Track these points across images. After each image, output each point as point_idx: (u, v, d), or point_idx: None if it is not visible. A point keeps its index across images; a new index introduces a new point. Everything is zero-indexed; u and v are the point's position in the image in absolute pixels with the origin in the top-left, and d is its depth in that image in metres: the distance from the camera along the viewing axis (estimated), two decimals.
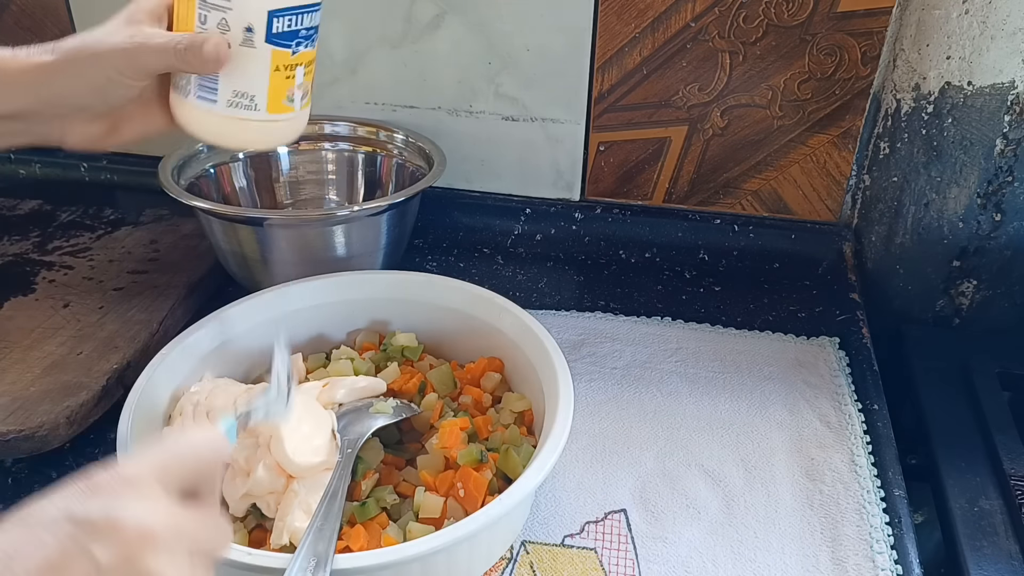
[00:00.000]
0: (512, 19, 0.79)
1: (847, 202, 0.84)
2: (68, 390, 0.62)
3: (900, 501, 0.58)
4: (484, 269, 0.85)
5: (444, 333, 0.65)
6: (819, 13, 0.74)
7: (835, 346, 0.73)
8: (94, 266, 0.78)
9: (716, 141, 0.82)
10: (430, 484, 0.53)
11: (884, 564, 0.53)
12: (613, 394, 0.67)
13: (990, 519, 0.58)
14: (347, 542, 0.49)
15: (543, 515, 0.57)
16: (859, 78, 0.77)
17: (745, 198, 0.85)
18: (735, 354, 0.72)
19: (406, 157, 0.84)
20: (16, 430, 0.58)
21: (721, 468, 0.61)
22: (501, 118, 0.85)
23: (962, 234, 0.77)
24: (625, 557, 0.54)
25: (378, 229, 0.74)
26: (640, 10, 0.77)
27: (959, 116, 0.72)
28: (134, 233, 0.84)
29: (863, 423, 0.64)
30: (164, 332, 0.70)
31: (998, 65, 0.69)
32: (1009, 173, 0.73)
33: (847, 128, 0.80)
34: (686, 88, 0.80)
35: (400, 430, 0.59)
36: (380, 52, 0.83)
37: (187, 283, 0.75)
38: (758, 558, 0.54)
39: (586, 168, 0.86)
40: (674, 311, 0.77)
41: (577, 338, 0.73)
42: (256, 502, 0.51)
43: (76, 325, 0.69)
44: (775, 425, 0.65)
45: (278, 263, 0.72)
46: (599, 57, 0.80)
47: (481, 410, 0.60)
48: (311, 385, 0.57)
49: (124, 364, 0.65)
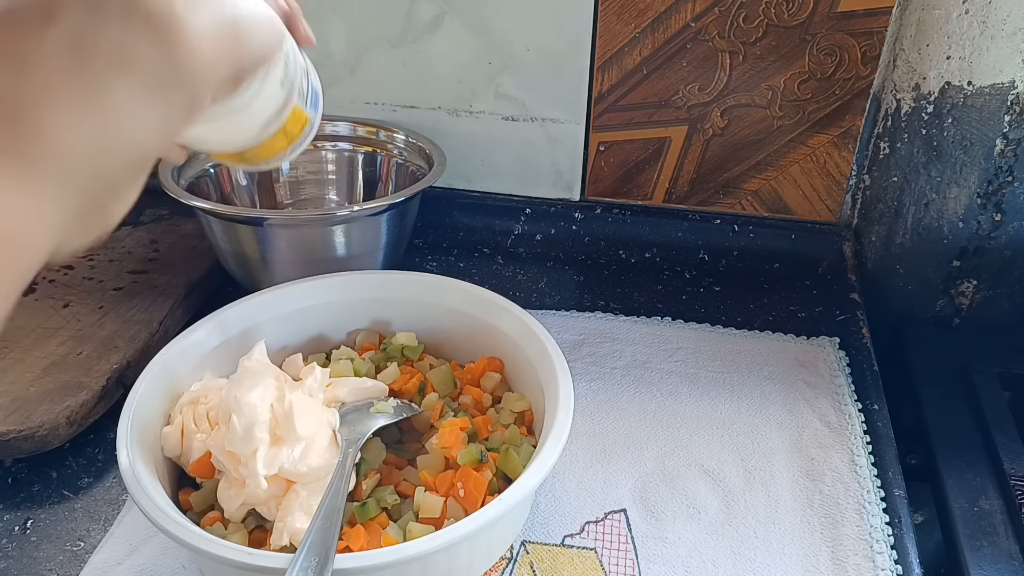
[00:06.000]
0: (512, 19, 0.79)
1: (847, 202, 0.84)
2: (68, 390, 0.62)
3: (900, 501, 0.58)
4: (484, 269, 0.85)
5: (444, 333, 0.65)
6: (819, 13, 0.74)
7: (835, 346, 0.73)
8: (94, 266, 0.78)
9: (716, 141, 0.82)
10: (430, 484, 0.53)
11: (884, 564, 0.53)
12: (613, 394, 0.67)
13: (990, 519, 0.58)
14: (347, 542, 0.49)
15: (543, 515, 0.57)
16: (859, 78, 0.77)
17: (745, 198, 0.85)
18: (735, 354, 0.72)
19: (406, 157, 0.84)
20: (16, 430, 0.58)
21: (721, 468, 0.61)
22: (501, 118, 0.85)
23: (962, 234, 0.77)
24: (625, 557, 0.54)
25: (378, 229, 0.74)
26: (640, 10, 0.77)
27: (959, 116, 0.72)
28: (134, 233, 0.84)
29: (863, 423, 0.64)
30: (164, 332, 0.70)
31: (998, 65, 0.69)
32: (1009, 173, 0.73)
33: (847, 128, 0.80)
34: (686, 88, 0.80)
35: (400, 430, 0.59)
36: (380, 52, 0.83)
37: (187, 283, 0.75)
38: (758, 558, 0.54)
39: (586, 168, 0.86)
40: (674, 311, 0.77)
41: (577, 338, 0.73)
42: (255, 508, 0.51)
43: (76, 325, 0.69)
44: (775, 425, 0.65)
45: (278, 263, 0.72)
46: (599, 57, 0.80)
47: (481, 410, 0.60)
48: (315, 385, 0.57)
49: (124, 364, 0.65)
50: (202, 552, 0.44)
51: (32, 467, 0.60)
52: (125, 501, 0.58)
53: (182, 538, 0.44)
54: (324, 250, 0.72)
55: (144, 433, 0.52)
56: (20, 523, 0.56)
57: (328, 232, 0.72)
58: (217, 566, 0.47)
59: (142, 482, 0.48)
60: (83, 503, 0.58)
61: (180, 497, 0.53)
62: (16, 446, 0.59)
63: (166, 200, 0.72)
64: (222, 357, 0.60)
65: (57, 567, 0.53)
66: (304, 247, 0.72)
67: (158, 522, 0.45)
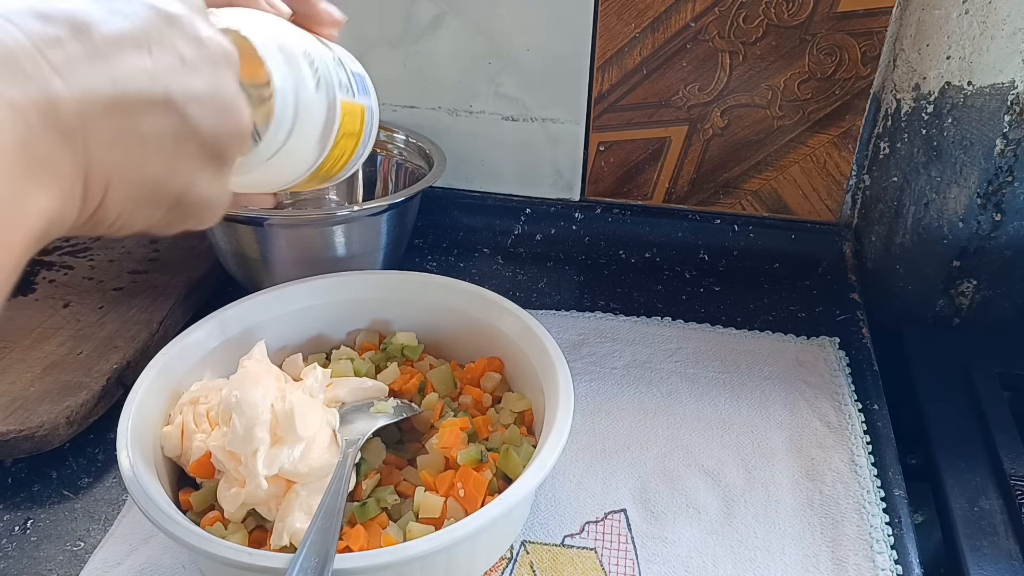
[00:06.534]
0: (512, 19, 0.79)
1: (847, 202, 0.84)
2: (68, 390, 0.62)
3: (900, 501, 0.58)
4: (484, 269, 0.85)
5: (444, 333, 0.65)
6: (819, 13, 0.74)
7: (835, 346, 0.73)
8: (94, 266, 0.78)
9: (716, 141, 0.82)
10: (430, 484, 0.53)
11: (884, 564, 0.53)
12: (613, 394, 0.67)
13: (990, 519, 0.58)
14: (347, 542, 0.49)
15: (543, 515, 0.57)
16: (859, 78, 0.77)
17: (745, 198, 0.85)
18: (735, 354, 0.72)
19: (406, 157, 0.84)
20: (16, 430, 0.58)
21: (721, 468, 0.61)
22: (501, 118, 0.85)
23: (962, 234, 0.77)
24: (625, 557, 0.54)
25: (378, 229, 0.74)
26: (640, 10, 0.77)
27: (959, 116, 0.72)
28: None
29: (863, 423, 0.64)
30: (164, 332, 0.70)
31: (998, 65, 0.69)
32: (1009, 173, 0.73)
33: (847, 128, 0.80)
34: (686, 88, 0.80)
35: (400, 430, 0.59)
36: (380, 52, 0.83)
37: (187, 283, 0.75)
38: (758, 558, 0.54)
39: (586, 168, 0.86)
40: (674, 311, 0.77)
41: (577, 338, 0.73)
42: (256, 508, 0.51)
43: (76, 325, 0.69)
44: (775, 425, 0.65)
45: (278, 263, 0.72)
46: (599, 57, 0.80)
47: (481, 410, 0.60)
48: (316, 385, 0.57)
49: (124, 364, 0.65)
50: (202, 552, 0.44)
51: (32, 467, 0.60)
52: (125, 501, 0.58)
53: (182, 538, 0.44)
54: (324, 250, 0.72)
55: (144, 433, 0.52)
56: (20, 523, 0.56)
57: (328, 232, 0.72)
58: (217, 566, 0.47)
59: (142, 482, 0.47)
60: (83, 503, 0.58)
61: (180, 497, 0.53)
62: (16, 446, 0.59)
63: None
64: (222, 357, 0.60)
65: (57, 567, 0.53)
66: (304, 247, 0.72)
67: (158, 522, 0.45)
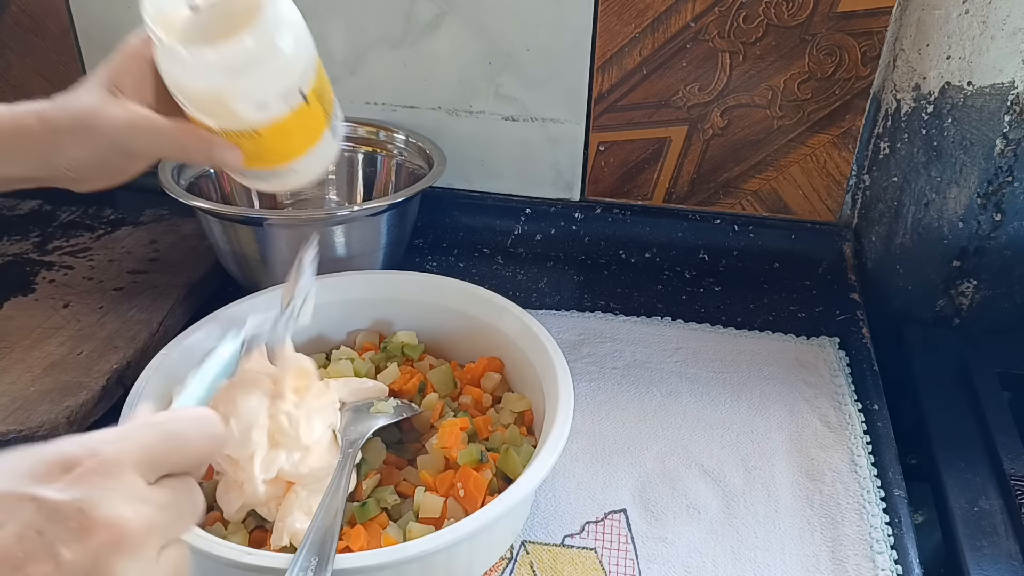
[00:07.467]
0: (512, 19, 0.79)
1: (847, 202, 0.84)
2: (68, 390, 0.62)
3: (900, 501, 0.58)
4: (484, 269, 0.85)
5: (444, 333, 0.65)
6: (819, 13, 0.74)
7: (835, 346, 0.73)
8: (94, 266, 0.78)
9: (716, 141, 0.82)
10: (430, 484, 0.53)
11: (884, 564, 0.53)
12: (613, 394, 0.67)
13: (990, 519, 0.58)
14: (347, 542, 0.49)
15: (543, 515, 0.57)
16: (859, 78, 0.77)
17: (745, 198, 0.85)
18: (735, 354, 0.72)
19: (406, 157, 0.84)
20: (16, 430, 0.58)
21: (721, 468, 0.61)
22: (501, 118, 0.85)
23: (962, 234, 0.77)
24: (625, 557, 0.54)
25: (378, 229, 0.74)
26: (640, 10, 0.77)
27: (959, 116, 0.72)
28: (134, 233, 0.84)
29: (863, 423, 0.64)
30: (164, 332, 0.70)
31: (998, 65, 0.69)
32: (1009, 173, 0.73)
33: (847, 128, 0.80)
34: (686, 88, 0.80)
35: (400, 430, 0.59)
36: (380, 52, 0.83)
37: (187, 283, 0.75)
38: (758, 558, 0.54)
39: (586, 168, 0.86)
40: (674, 311, 0.77)
41: (577, 338, 0.73)
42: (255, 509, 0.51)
43: (76, 325, 0.69)
44: (775, 425, 0.65)
45: (278, 263, 0.72)
46: (599, 57, 0.80)
47: (481, 410, 0.60)
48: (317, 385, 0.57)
49: (124, 364, 0.65)
50: (202, 552, 0.44)
51: None
52: None
53: None
54: (324, 250, 0.72)
55: None
56: None
57: (328, 232, 0.72)
58: (217, 566, 0.47)
59: None
60: None
61: None
62: (16, 446, 0.58)
63: (166, 200, 0.72)
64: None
65: None
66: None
67: None
